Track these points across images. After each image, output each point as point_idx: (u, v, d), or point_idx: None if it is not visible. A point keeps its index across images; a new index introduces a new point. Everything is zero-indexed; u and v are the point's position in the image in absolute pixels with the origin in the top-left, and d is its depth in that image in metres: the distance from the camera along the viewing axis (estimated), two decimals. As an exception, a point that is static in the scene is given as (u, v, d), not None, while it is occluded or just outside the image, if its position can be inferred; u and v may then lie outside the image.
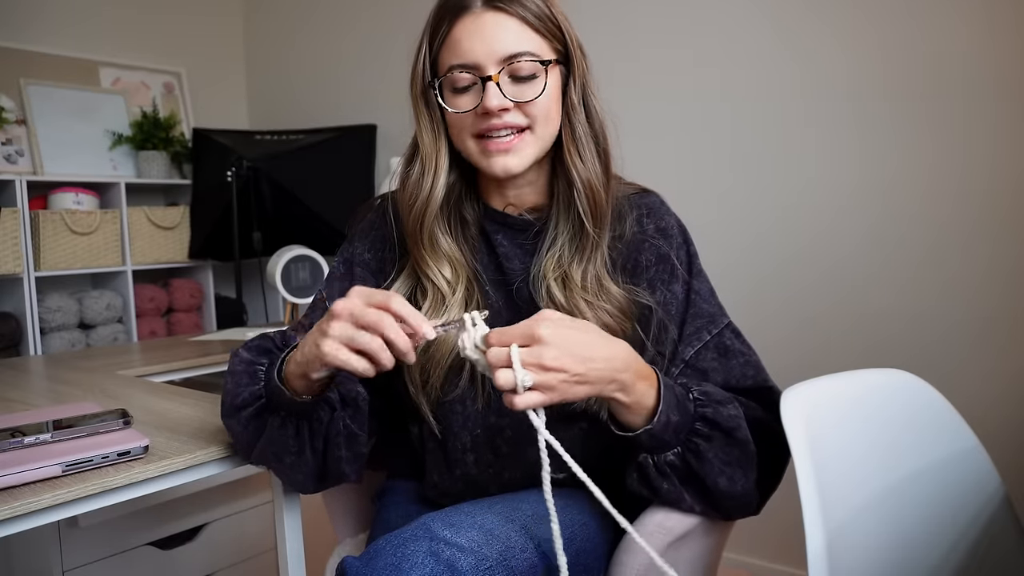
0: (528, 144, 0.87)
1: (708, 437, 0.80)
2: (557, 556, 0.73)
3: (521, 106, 0.85)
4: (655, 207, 0.96)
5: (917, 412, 0.85)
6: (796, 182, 1.80)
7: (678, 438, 0.80)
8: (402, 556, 0.70)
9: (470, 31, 0.84)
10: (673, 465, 0.81)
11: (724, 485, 0.80)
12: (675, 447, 0.80)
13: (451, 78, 0.86)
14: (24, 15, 2.56)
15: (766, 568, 1.86)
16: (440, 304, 0.90)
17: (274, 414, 0.83)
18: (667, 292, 0.91)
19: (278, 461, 0.86)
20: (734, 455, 0.81)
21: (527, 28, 0.85)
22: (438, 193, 0.90)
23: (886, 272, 1.69)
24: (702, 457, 0.80)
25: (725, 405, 0.82)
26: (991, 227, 1.56)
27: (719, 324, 0.91)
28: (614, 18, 2.04)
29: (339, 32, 2.79)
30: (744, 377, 0.89)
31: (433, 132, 0.90)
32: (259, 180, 2.45)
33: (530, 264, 0.92)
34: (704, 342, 0.89)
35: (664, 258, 0.92)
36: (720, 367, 0.89)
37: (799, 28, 1.77)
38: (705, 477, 0.80)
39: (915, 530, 0.81)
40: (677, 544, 0.87)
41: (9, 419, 1.00)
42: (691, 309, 0.91)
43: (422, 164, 0.91)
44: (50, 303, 2.36)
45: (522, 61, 0.84)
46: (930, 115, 1.61)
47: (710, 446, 0.80)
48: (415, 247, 0.92)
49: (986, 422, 0.96)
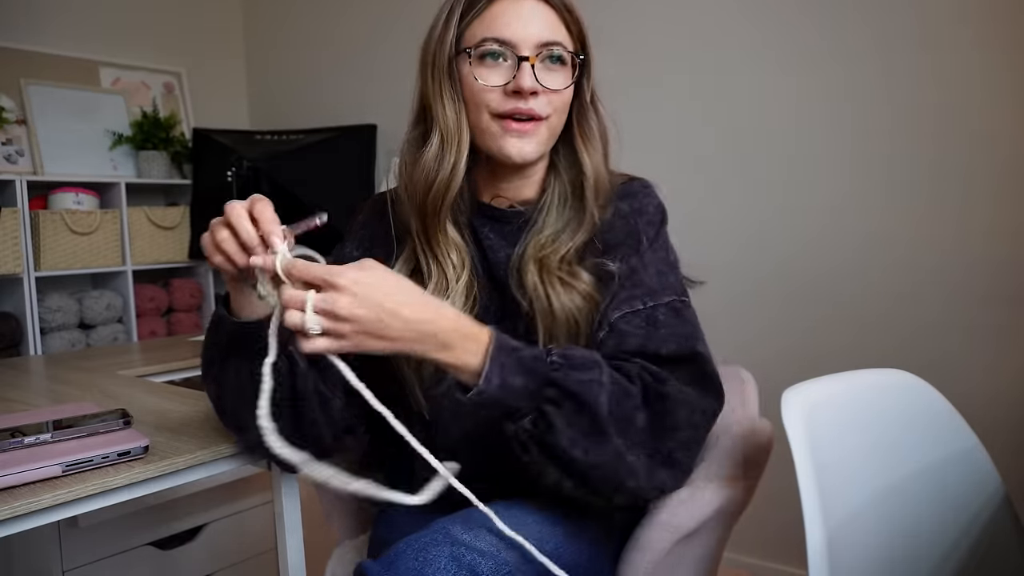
0: (543, 134, 0.88)
1: (556, 402, 0.74)
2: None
3: (547, 93, 0.86)
4: (636, 191, 0.95)
5: (917, 412, 0.85)
6: (796, 182, 1.80)
7: (531, 402, 0.74)
8: (424, 561, 0.70)
9: (511, 10, 0.85)
10: (530, 434, 0.75)
11: (579, 455, 0.74)
12: (528, 414, 0.75)
13: (484, 49, 0.85)
14: (24, 15, 2.55)
15: (766, 568, 1.86)
16: (444, 290, 0.89)
17: (233, 357, 0.83)
18: (625, 265, 0.88)
19: (244, 414, 0.79)
20: (583, 424, 0.74)
21: (560, 21, 0.88)
22: (460, 170, 0.88)
23: (886, 272, 1.69)
24: (552, 425, 0.74)
25: (583, 370, 0.75)
26: (991, 227, 1.56)
27: (659, 299, 0.86)
28: (615, 18, 2.04)
29: (339, 32, 2.79)
30: (664, 344, 0.82)
31: (456, 106, 0.88)
32: (259, 180, 2.45)
33: (512, 253, 0.92)
34: (635, 309, 0.85)
35: (632, 233, 0.91)
36: (644, 333, 0.83)
37: (800, 28, 1.77)
38: (555, 446, 0.74)
39: (915, 530, 0.81)
40: (684, 542, 0.87)
41: (9, 419, 1.00)
42: (633, 277, 0.87)
43: (442, 140, 0.88)
44: (50, 303, 2.36)
45: (555, 50, 0.86)
46: (930, 113, 1.61)
47: (559, 412, 0.74)
48: (431, 229, 0.90)
49: (986, 422, 0.96)
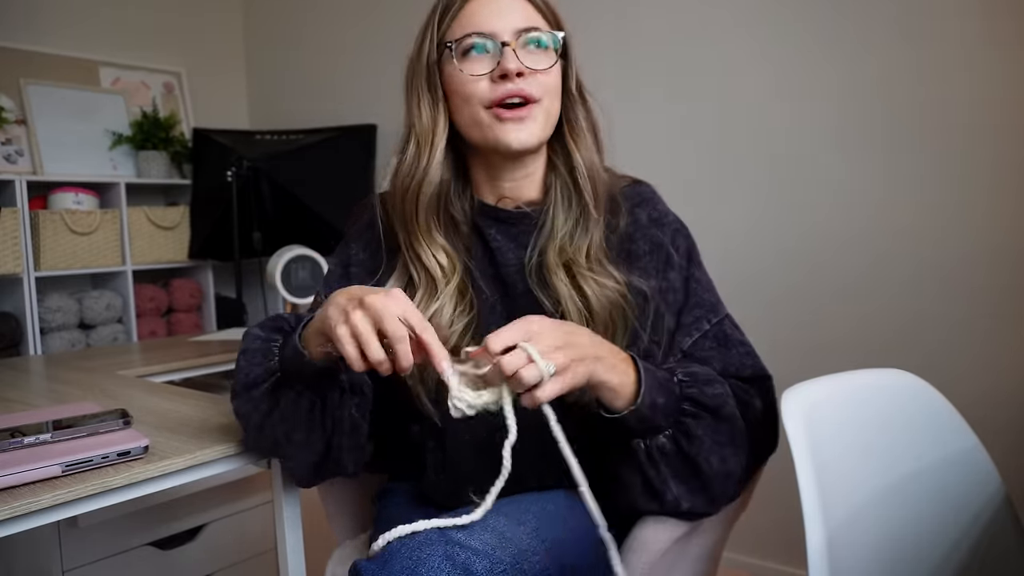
0: (538, 117, 0.88)
1: (696, 416, 0.80)
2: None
3: (535, 74, 0.87)
4: (647, 196, 0.96)
5: (917, 412, 0.85)
6: (795, 181, 1.80)
7: (668, 420, 0.80)
8: (418, 560, 0.70)
9: (487, 6, 0.88)
10: (663, 449, 0.80)
11: (716, 464, 0.80)
12: (666, 429, 0.80)
13: (465, 44, 0.87)
14: (24, 15, 2.55)
15: (766, 568, 1.86)
16: (432, 293, 0.90)
17: (290, 388, 0.83)
18: (663, 281, 0.91)
19: (287, 441, 0.86)
20: (724, 433, 0.81)
21: (538, 13, 0.90)
22: (434, 169, 0.89)
23: (886, 272, 1.69)
24: (692, 436, 0.80)
25: (711, 384, 0.82)
26: (991, 226, 1.56)
27: (719, 313, 0.91)
28: (618, 18, 2.04)
29: (339, 32, 2.79)
30: (743, 366, 0.89)
31: (432, 110, 0.90)
32: (259, 180, 2.45)
33: (524, 256, 0.92)
34: (703, 331, 0.89)
35: (658, 246, 0.92)
36: (719, 356, 0.89)
37: (800, 24, 1.77)
38: (697, 456, 0.80)
39: (915, 530, 0.81)
40: (683, 541, 0.87)
41: (9, 419, 1.00)
42: (691, 298, 0.91)
43: (417, 143, 0.90)
44: (50, 303, 2.36)
45: (534, 35, 0.87)
46: (931, 112, 1.61)
47: (699, 424, 0.80)
48: (411, 231, 0.91)
49: (986, 422, 0.96)
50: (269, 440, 0.89)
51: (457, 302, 0.89)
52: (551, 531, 0.79)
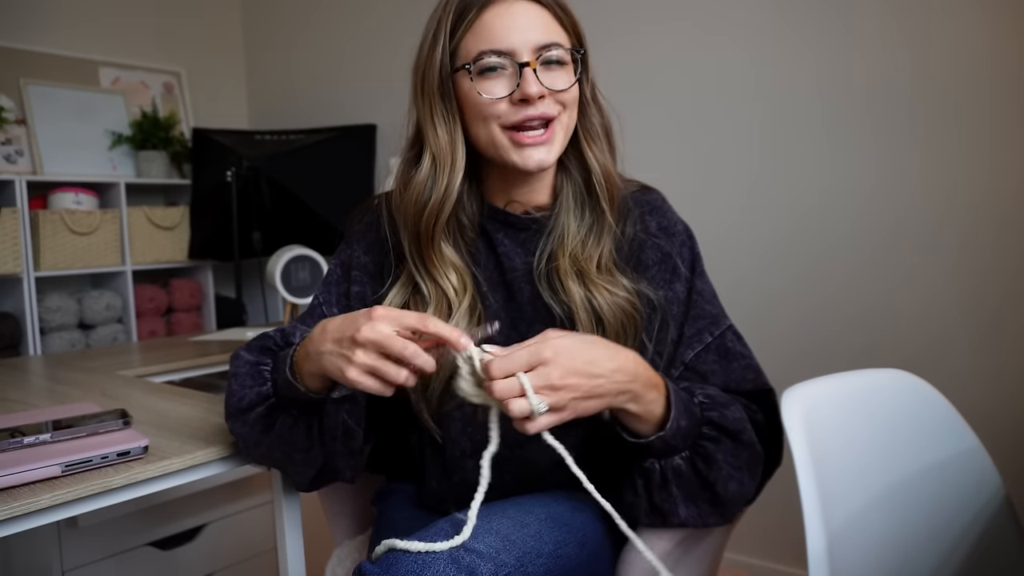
0: (558, 135, 0.86)
1: (716, 440, 0.80)
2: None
3: (554, 95, 0.85)
4: (657, 205, 0.95)
5: (917, 412, 0.85)
6: (795, 181, 1.80)
7: (686, 443, 0.79)
8: (423, 563, 0.70)
9: (503, 18, 0.83)
10: (679, 471, 0.79)
11: (734, 489, 0.80)
12: (683, 451, 0.79)
13: (483, 63, 0.83)
14: (24, 15, 2.55)
15: (766, 568, 1.86)
16: (447, 313, 0.88)
17: (285, 413, 0.83)
18: (668, 291, 0.89)
19: (287, 460, 0.86)
20: (743, 457, 0.80)
21: (555, 21, 0.86)
22: (453, 193, 0.86)
23: (885, 272, 1.69)
24: (712, 461, 0.79)
25: (729, 407, 0.81)
26: (991, 225, 1.56)
27: (721, 326, 0.89)
28: (619, 18, 2.04)
29: (339, 32, 2.79)
30: (744, 380, 0.87)
31: (448, 127, 0.86)
32: (259, 180, 2.45)
33: (531, 262, 0.91)
34: (705, 344, 0.88)
35: (666, 257, 0.91)
36: (720, 370, 0.88)
37: (800, 23, 1.77)
38: (716, 482, 0.79)
39: (915, 530, 0.81)
40: (684, 542, 0.87)
41: (9, 419, 1.00)
42: (693, 310, 0.89)
43: (434, 162, 0.87)
44: (50, 303, 2.36)
45: (554, 52, 0.84)
46: (931, 111, 1.61)
47: (718, 449, 0.79)
48: (425, 251, 0.88)
49: (986, 422, 0.96)
50: (267, 459, 0.90)
51: (468, 319, 0.88)
52: (554, 533, 0.79)
